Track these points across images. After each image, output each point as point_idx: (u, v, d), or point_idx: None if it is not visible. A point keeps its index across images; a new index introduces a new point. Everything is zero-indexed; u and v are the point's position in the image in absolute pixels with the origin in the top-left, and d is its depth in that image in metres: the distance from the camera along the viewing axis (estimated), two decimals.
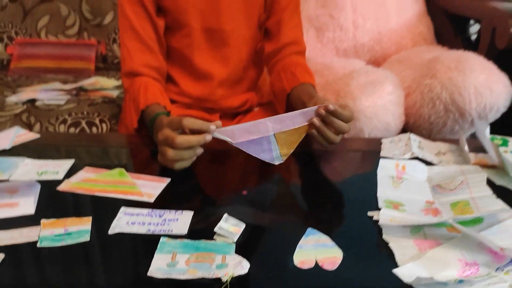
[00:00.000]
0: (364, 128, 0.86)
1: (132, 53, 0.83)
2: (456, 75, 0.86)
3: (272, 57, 0.89)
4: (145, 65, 0.83)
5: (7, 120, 0.96)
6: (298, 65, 0.85)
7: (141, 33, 0.83)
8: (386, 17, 1.15)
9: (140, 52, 0.83)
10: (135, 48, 0.83)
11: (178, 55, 0.88)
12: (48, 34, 1.36)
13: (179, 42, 0.87)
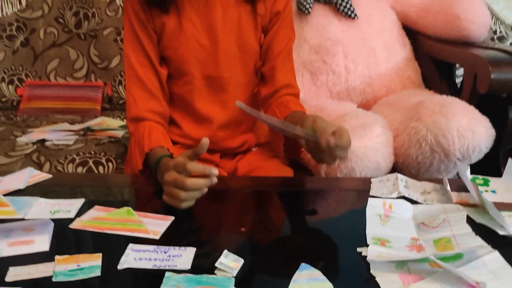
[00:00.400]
0: (356, 168, 0.92)
1: (137, 100, 0.90)
2: (440, 118, 0.92)
3: (267, 99, 0.95)
4: (149, 110, 0.90)
5: (18, 159, 1.02)
6: (290, 101, 0.92)
7: (145, 82, 0.90)
8: (376, 62, 1.23)
9: (144, 99, 0.90)
10: (140, 95, 0.90)
11: (180, 100, 0.95)
12: (57, 77, 1.44)
13: (181, 89, 0.94)
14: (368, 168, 0.92)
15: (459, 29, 1.19)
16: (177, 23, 0.90)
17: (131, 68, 0.91)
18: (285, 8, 0.95)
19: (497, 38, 1.52)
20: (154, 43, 0.91)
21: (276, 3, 0.94)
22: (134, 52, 0.90)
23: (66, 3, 1.46)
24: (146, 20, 0.89)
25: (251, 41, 0.93)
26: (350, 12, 1.23)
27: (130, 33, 0.90)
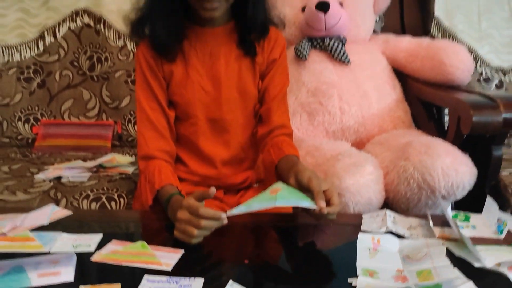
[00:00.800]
0: (349, 203, 1.00)
1: (147, 140, 0.99)
2: (426, 158, 1.00)
3: (263, 138, 1.05)
4: (159, 149, 0.99)
5: (37, 196, 1.10)
6: (284, 142, 1.00)
7: (155, 124, 0.99)
8: (368, 104, 1.32)
9: (154, 139, 0.99)
10: (150, 136, 0.99)
11: (186, 140, 1.04)
12: (71, 116, 1.53)
13: (187, 130, 1.03)
14: (360, 204, 1.00)
15: (444, 73, 1.29)
16: (184, 71, 1.00)
17: (142, 112, 1.01)
18: (280, 56, 1.05)
19: (483, 80, 1.62)
20: (163, 89, 1.01)
21: (273, 51, 1.04)
22: (145, 97, 1.00)
23: (81, 48, 1.57)
24: (157, 68, 0.99)
25: (250, 87, 1.03)
26: (344, 58, 1.33)
27: (142, 79, 1.00)
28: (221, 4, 0.93)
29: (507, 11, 1.66)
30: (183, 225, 0.76)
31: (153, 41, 0.97)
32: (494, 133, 1.09)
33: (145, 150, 0.99)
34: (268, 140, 1.02)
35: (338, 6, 1.34)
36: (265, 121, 1.04)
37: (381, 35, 1.54)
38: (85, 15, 1.57)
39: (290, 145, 1.01)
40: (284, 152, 0.97)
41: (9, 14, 1.57)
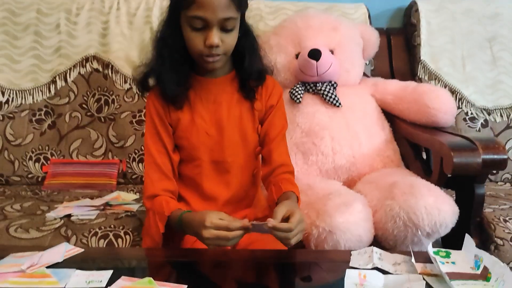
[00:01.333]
0: (340, 241, 1.07)
1: (154, 182, 1.08)
2: (410, 198, 1.09)
3: (266, 178, 1.13)
4: (164, 189, 1.08)
5: (49, 233, 1.17)
6: (284, 180, 1.09)
7: (161, 166, 1.08)
8: (359, 144, 1.41)
9: (160, 180, 1.08)
10: (156, 177, 1.08)
11: (190, 180, 1.13)
12: (79, 155, 1.62)
13: (191, 171, 1.12)
14: (351, 241, 1.08)
15: (428, 116, 1.39)
16: (190, 117, 1.10)
17: (149, 155, 1.10)
18: (278, 102, 1.16)
19: (469, 119, 1.71)
20: (169, 134, 1.10)
21: (270, 98, 1.15)
22: (153, 141, 1.10)
23: (89, 91, 1.67)
24: (165, 116, 1.09)
25: (250, 131, 1.13)
26: (335, 101, 1.43)
27: (151, 125, 1.10)
28: (220, 58, 1.04)
29: (489, 55, 1.77)
30: (214, 241, 0.88)
31: (163, 92, 1.07)
32: (474, 173, 1.17)
33: (151, 190, 1.07)
34: (271, 179, 1.11)
35: (329, 54, 1.45)
36: (267, 161, 1.14)
37: (371, 79, 1.64)
38: (94, 61, 1.68)
39: (290, 182, 1.10)
40: (283, 189, 1.06)
41: (24, 60, 1.67)
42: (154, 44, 1.09)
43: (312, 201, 1.16)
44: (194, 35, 1.01)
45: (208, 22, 0.99)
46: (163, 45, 1.06)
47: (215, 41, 0.99)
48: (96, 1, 1.74)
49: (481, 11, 1.80)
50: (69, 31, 1.69)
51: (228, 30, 1.02)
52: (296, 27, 1.53)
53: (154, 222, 1.03)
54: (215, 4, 0.97)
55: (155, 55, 1.08)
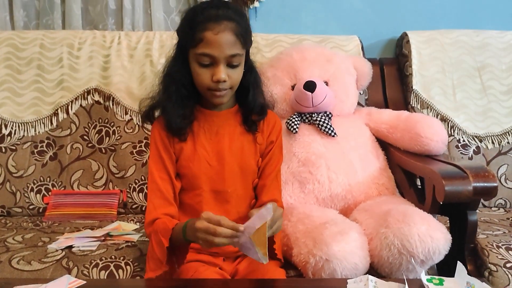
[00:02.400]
0: (337, 269, 1.09)
1: (156, 207, 1.11)
2: (403, 226, 1.11)
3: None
4: (165, 213, 1.12)
5: (50, 265, 1.19)
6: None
7: (164, 193, 1.12)
8: (354, 172, 1.44)
9: (162, 206, 1.12)
10: (159, 203, 1.12)
11: (190, 209, 1.16)
12: (80, 186, 1.65)
13: (192, 200, 1.16)
14: (347, 269, 1.10)
15: (421, 144, 1.43)
16: (192, 148, 1.14)
17: (153, 182, 1.13)
18: (277, 138, 1.21)
19: (461, 146, 1.76)
20: (173, 163, 1.15)
21: (271, 134, 1.21)
22: (157, 168, 1.14)
23: (91, 123, 1.71)
24: (169, 145, 1.14)
25: (250, 163, 1.17)
26: (330, 131, 1.47)
27: (155, 153, 1.15)
28: (227, 92, 1.10)
29: (479, 84, 1.83)
30: (202, 234, 0.91)
31: (169, 126, 1.12)
32: (466, 201, 1.20)
33: (153, 215, 1.10)
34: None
35: (323, 85, 1.50)
36: (258, 197, 1.18)
37: (365, 108, 1.69)
38: (95, 93, 1.73)
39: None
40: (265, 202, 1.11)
41: (26, 93, 1.72)
42: (161, 79, 1.15)
43: (309, 230, 1.19)
44: (202, 71, 1.07)
45: (215, 59, 1.05)
46: (171, 80, 1.12)
47: (222, 77, 1.05)
48: (98, 35, 1.81)
49: (469, 41, 1.87)
50: (71, 65, 1.75)
51: (234, 66, 1.08)
52: (292, 59, 1.58)
53: (157, 242, 1.05)
54: (223, 42, 1.03)
55: (161, 89, 1.14)
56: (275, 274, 1.09)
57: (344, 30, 1.98)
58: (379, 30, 2.03)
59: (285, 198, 1.41)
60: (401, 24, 1.99)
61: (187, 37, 1.08)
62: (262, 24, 2.01)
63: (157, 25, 1.95)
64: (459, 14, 2.04)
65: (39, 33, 1.79)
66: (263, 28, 1.98)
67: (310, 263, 1.11)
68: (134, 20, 1.94)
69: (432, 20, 2.02)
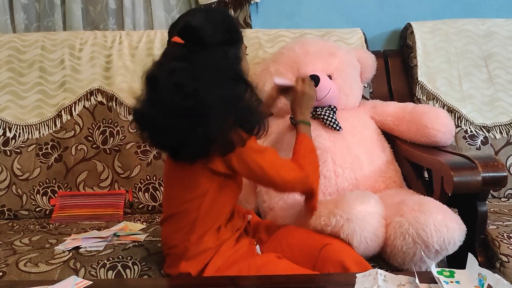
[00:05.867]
0: (357, 228, 1.10)
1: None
2: (419, 215, 1.10)
3: None
4: None
5: (58, 266, 1.18)
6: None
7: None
8: (360, 166, 1.43)
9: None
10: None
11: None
12: (86, 187, 1.65)
13: None
14: (367, 230, 1.10)
15: (428, 136, 1.41)
16: None
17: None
18: None
19: (468, 137, 1.74)
20: None
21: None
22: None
23: (94, 124, 1.71)
24: None
25: None
26: (335, 125, 1.45)
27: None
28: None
29: (485, 73, 1.81)
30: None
31: None
32: (475, 191, 1.19)
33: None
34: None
35: (327, 79, 1.48)
36: None
37: (370, 101, 1.67)
38: (98, 94, 1.73)
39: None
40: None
41: (29, 96, 1.72)
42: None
43: (329, 200, 1.22)
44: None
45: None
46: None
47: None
48: (99, 36, 1.80)
49: (475, 31, 1.84)
50: (73, 66, 1.75)
51: None
52: (295, 54, 1.57)
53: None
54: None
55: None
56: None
57: (347, 23, 1.97)
58: (382, 22, 2.01)
59: (291, 194, 1.40)
60: (405, 15, 1.97)
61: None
62: (264, 19, 2.00)
63: (158, 23, 1.94)
64: (463, 2, 2.01)
65: (40, 35, 1.79)
66: (264, 24, 1.97)
67: (330, 223, 1.12)
68: (135, 19, 1.93)
69: (436, 10, 2.00)
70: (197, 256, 1.09)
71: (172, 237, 1.13)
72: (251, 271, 1.07)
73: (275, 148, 1.47)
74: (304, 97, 1.28)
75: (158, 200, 1.65)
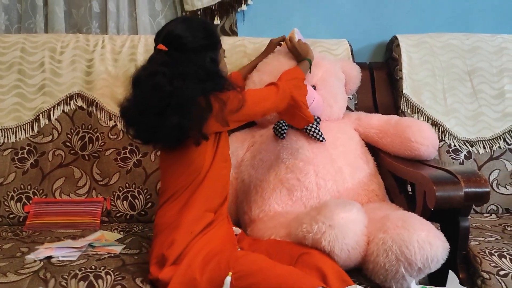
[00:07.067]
0: (339, 236, 1.08)
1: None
2: (403, 232, 1.08)
3: None
4: None
5: (27, 277, 1.14)
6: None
7: None
8: (343, 179, 1.41)
9: None
10: None
11: None
12: (62, 194, 1.60)
13: None
14: (349, 237, 1.09)
15: (411, 149, 1.40)
16: None
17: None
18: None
19: (452, 151, 1.73)
20: None
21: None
22: None
23: (73, 129, 1.66)
24: None
25: None
26: (319, 136, 1.44)
27: None
28: None
29: (470, 88, 1.81)
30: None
31: None
32: (457, 206, 1.17)
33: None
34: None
35: (311, 89, 1.46)
36: None
37: (354, 113, 1.66)
38: (78, 99, 1.69)
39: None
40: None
41: (7, 99, 1.67)
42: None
43: (311, 208, 1.20)
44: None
45: None
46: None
47: None
48: (81, 39, 1.76)
49: (460, 45, 1.85)
50: (53, 69, 1.70)
51: None
52: (279, 64, 1.55)
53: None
54: None
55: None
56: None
57: (334, 33, 1.96)
58: (369, 34, 2.01)
59: (272, 205, 1.38)
60: (391, 27, 1.97)
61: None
62: (250, 28, 1.98)
63: (142, 28, 1.91)
64: (449, 17, 2.02)
65: (20, 37, 1.74)
66: (251, 32, 1.95)
67: (311, 230, 1.10)
68: (119, 23, 1.90)
69: (422, 24, 2.00)
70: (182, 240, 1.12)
71: (167, 215, 1.16)
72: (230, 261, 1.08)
73: (257, 158, 1.45)
74: (303, 44, 1.52)
75: (137, 209, 1.61)
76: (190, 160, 1.17)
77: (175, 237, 1.11)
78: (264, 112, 1.27)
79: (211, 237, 1.14)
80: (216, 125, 1.16)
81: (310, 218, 1.11)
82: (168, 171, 1.21)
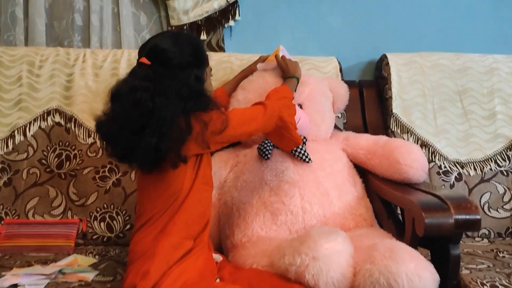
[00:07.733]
0: (323, 268, 1.01)
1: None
2: (391, 263, 1.01)
3: None
4: None
5: None
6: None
7: None
8: (329, 202, 1.35)
9: None
10: None
11: None
12: (35, 214, 1.52)
13: None
14: (333, 270, 1.02)
15: (400, 172, 1.35)
16: None
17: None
18: None
19: (442, 173, 1.68)
20: None
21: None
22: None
23: (50, 146, 1.59)
24: None
25: None
26: (305, 157, 1.38)
27: None
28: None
29: (460, 108, 1.77)
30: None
31: None
32: (447, 234, 1.12)
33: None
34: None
35: (297, 108, 1.41)
36: None
37: (342, 133, 1.61)
38: (56, 114, 1.62)
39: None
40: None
41: None
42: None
43: (294, 237, 1.13)
44: None
45: None
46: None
47: None
48: (61, 53, 1.71)
49: (450, 65, 1.81)
50: (31, 84, 1.64)
51: None
52: (264, 82, 1.50)
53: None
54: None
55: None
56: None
57: (323, 51, 1.91)
58: (358, 52, 1.97)
59: (255, 230, 1.31)
60: (381, 45, 1.93)
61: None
62: (237, 43, 1.93)
63: (126, 43, 1.86)
64: (439, 36, 1.99)
65: None
66: (238, 48, 1.91)
67: (294, 262, 1.03)
68: (102, 37, 1.84)
69: (412, 42, 1.97)
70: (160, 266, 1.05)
71: (143, 241, 1.09)
72: None
73: (241, 179, 1.40)
74: (291, 61, 1.49)
75: (115, 231, 1.54)
76: (168, 183, 1.11)
77: (149, 268, 1.03)
78: (251, 133, 1.22)
79: (188, 267, 1.07)
80: (196, 148, 1.10)
81: (292, 250, 1.05)
82: (145, 193, 1.15)
